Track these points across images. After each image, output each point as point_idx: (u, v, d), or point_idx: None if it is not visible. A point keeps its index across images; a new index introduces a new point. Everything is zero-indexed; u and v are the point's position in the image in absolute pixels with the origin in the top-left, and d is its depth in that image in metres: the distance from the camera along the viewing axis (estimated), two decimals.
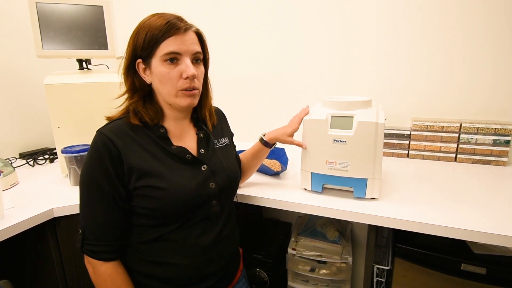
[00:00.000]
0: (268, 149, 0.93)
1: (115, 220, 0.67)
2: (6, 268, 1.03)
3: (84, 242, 0.66)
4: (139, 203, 0.67)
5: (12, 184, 1.10)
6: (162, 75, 0.66)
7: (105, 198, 0.65)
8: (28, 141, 1.56)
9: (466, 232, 0.73)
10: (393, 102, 1.37)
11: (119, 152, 0.64)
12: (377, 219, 0.81)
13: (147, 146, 0.68)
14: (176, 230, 0.69)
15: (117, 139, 0.65)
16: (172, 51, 0.64)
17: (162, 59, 0.65)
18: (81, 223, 0.67)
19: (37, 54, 1.11)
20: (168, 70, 0.65)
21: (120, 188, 0.65)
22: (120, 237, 0.69)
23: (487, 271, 0.81)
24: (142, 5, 1.73)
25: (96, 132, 0.67)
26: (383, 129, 0.82)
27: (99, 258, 0.67)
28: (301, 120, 0.91)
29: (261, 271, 1.29)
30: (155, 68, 0.66)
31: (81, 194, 0.67)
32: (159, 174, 0.66)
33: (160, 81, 0.67)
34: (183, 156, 0.70)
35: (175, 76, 0.66)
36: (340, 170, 0.87)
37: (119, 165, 0.64)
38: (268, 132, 0.94)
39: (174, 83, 0.67)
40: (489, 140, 1.20)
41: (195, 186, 0.69)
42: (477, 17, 1.19)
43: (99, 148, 0.64)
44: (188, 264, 0.70)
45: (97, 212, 0.66)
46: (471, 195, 0.92)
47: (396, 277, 0.95)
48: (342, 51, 1.42)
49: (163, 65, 0.65)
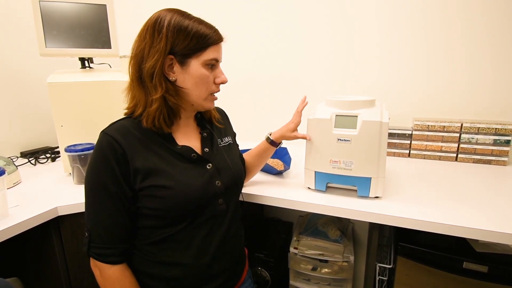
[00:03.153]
0: (274, 148, 0.95)
1: (122, 222, 0.66)
2: (10, 267, 1.03)
3: (91, 245, 0.66)
4: (146, 204, 0.66)
5: (15, 183, 1.09)
6: (202, 77, 0.68)
7: (112, 200, 0.64)
8: (29, 140, 1.55)
9: (468, 230, 0.74)
10: (395, 102, 1.38)
11: (125, 152, 0.64)
12: (382, 217, 0.82)
13: (152, 146, 0.68)
14: (183, 230, 0.68)
15: (122, 139, 0.64)
16: (215, 57, 0.69)
17: (204, 63, 0.67)
18: (87, 225, 0.67)
19: (40, 53, 1.10)
20: (208, 73, 0.69)
21: (126, 188, 0.65)
22: (127, 239, 0.68)
23: (489, 270, 0.82)
24: (144, 3, 1.73)
25: (101, 133, 0.66)
26: (388, 128, 0.83)
27: (106, 262, 0.66)
28: (301, 113, 0.93)
29: (263, 270, 1.29)
30: (195, 70, 0.67)
31: (87, 196, 0.66)
32: (165, 173, 0.66)
33: (197, 82, 0.68)
34: (188, 155, 0.70)
35: (211, 80, 0.70)
36: (344, 169, 0.87)
37: (125, 166, 0.64)
38: (274, 132, 0.95)
39: (208, 87, 0.70)
40: (489, 140, 1.21)
41: (201, 185, 0.69)
42: (478, 18, 1.21)
43: (104, 149, 0.64)
44: (196, 264, 0.69)
45: (103, 214, 0.65)
46: (472, 194, 0.93)
47: (399, 275, 0.95)
48: (344, 51, 1.42)
49: (205, 68, 0.68)
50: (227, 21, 1.59)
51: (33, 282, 1.02)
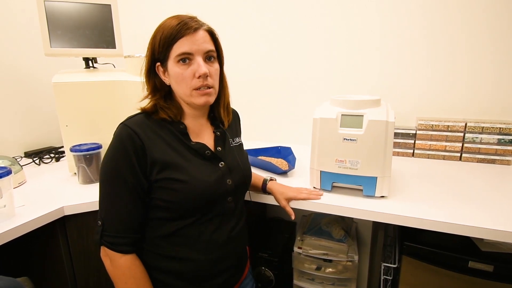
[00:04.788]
0: (260, 190, 0.97)
1: (136, 213, 0.68)
2: (17, 266, 1.03)
3: (104, 233, 0.67)
4: (159, 195, 0.68)
5: (20, 183, 1.10)
6: (177, 75, 0.68)
7: (128, 190, 0.65)
8: (33, 140, 1.55)
9: (473, 229, 0.74)
10: (398, 102, 1.38)
11: (143, 145, 0.65)
12: (388, 217, 0.82)
13: (169, 140, 0.69)
14: (192, 225, 0.70)
15: (141, 131, 0.66)
16: (183, 51, 0.66)
17: (175, 60, 0.67)
18: (100, 215, 0.68)
19: (45, 53, 1.11)
20: (182, 70, 0.67)
21: (143, 180, 0.66)
22: (138, 230, 0.69)
23: (495, 269, 0.82)
24: (148, 3, 1.73)
25: (120, 124, 0.68)
26: (393, 127, 0.83)
27: (118, 250, 0.67)
28: (307, 198, 0.90)
29: (266, 269, 1.29)
30: (171, 70, 0.68)
31: (103, 186, 0.67)
32: (180, 167, 0.67)
33: (176, 81, 0.69)
34: (202, 152, 0.72)
35: (189, 76, 0.67)
36: (350, 168, 0.88)
37: (143, 157, 0.65)
38: (274, 182, 0.96)
39: (188, 83, 0.68)
40: (493, 139, 1.21)
41: (214, 181, 0.70)
42: (481, 17, 1.21)
43: (124, 140, 0.65)
44: (203, 259, 0.71)
45: (119, 204, 0.66)
46: (476, 194, 0.93)
47: (404, 275, 0.95)
48: (348, 51, 1.42)
49: (177, 66, 0.67)
50: (230, 20, 1.59)
51: (39, 281, 1.02)
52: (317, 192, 0.93)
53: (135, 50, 1.24)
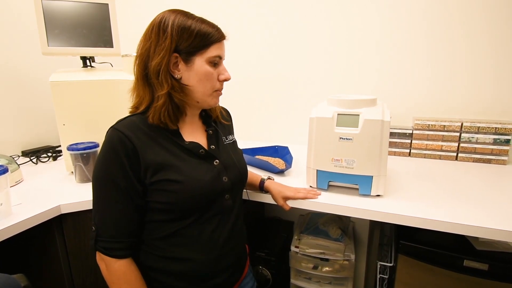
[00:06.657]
0: (257, 188, 0.98)
1: (130, 217, 0.67)
2: (14, 264, 1.03)
3: (98, 239, 0.66)
4: (155, 198, 0.67)
5: (17, 181, 1.10)
6: (206, 74, 0.69)
7: (121, 194, 0.65)
8: (30, 139, 1.55)
9: (469, 227, 0.75)
10: (395, 102, 1.38)
11: (135, 148, 0.65)
12: (384, 215, 0.82)
13: (161, 141, 0.69)
14: (191, 225, 0.69)
15: (132, 135, 0.65)
16: (219, 55, 0.70)
17: (208, 60, 0.69)
18: (94, 219, 0.67)
19: (42, 52, 1.11)
20: (212, 70, 0.70)
21: (136, 183, 0.65)
22: (134, 234, 0.69)
23: (489, 267, 0.82)
24: (146, 2, 1.73)
25: (110, 128, 0.67)
26: (389, 127, 0.84)
27: (112, 255, 0.66)
28: (306, 197, 0.91)
29: (264, 269, 1.29)
30: (199, 67, 0.68)
31: (96, 190, 0.67)
32: (175, 168, 0.67)
33: (201, 79, 0.69)
34: (196, 151, 0.72)
35: (216, 77, 0.71)
36: (346, 167, 0.88)
37: (135, 161, 0.65)
38: (271, 181, 0.97)
39: (213, 83, 0.71)
40: (489, 139, 1.22)
41: (210, 180, 0.70)
42: (479, 17, 1.21)
43: (114, 144, 0.64)
44: (204, 259, 0.71)
45: (112, 208, 0.66)
46: (472, 193, 0.94)
47: (400, 273, 0.96)
48: (345, 51, 1.43)
49: (209, 66, 0.69)
50: (230, 20, 1.59)
51: (36, 279, 1.02)
52: (314, 192, 0.93)
53: (132, 49, 1.24)
